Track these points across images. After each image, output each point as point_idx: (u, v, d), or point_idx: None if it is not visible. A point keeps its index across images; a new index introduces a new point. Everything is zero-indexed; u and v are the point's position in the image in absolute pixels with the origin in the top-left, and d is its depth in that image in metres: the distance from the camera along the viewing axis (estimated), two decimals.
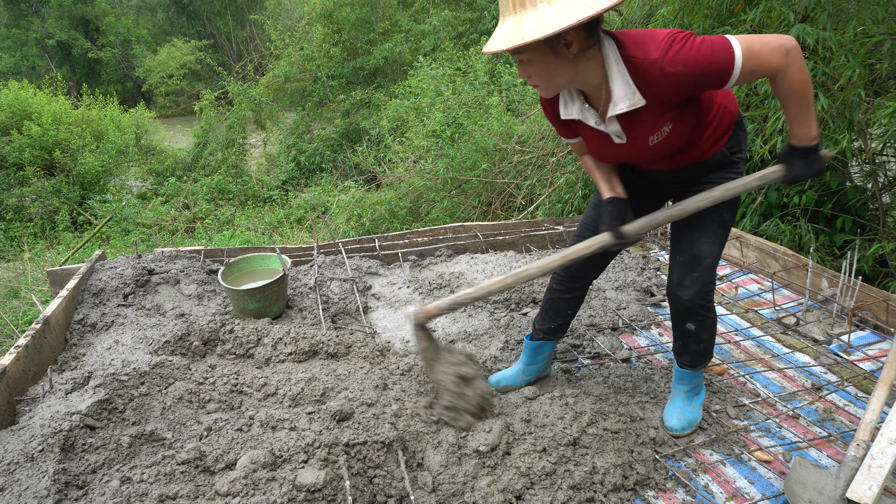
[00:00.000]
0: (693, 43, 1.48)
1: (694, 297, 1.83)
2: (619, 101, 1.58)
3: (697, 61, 1.48)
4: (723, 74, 1.50)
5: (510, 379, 2.24)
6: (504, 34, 1.48)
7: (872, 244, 3.43)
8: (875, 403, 1.80)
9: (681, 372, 2.04)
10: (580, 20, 1.39)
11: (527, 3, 1.45)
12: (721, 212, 1.82)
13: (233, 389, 2.19)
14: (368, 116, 10.79)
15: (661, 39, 1.50)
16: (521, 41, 1.42)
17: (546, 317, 2.20)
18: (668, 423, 2.01)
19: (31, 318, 5.13)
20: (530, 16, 1.43)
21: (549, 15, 1.41)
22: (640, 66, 1.53)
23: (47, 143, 10.01)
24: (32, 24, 22.76)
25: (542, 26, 1.41)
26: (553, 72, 1.56)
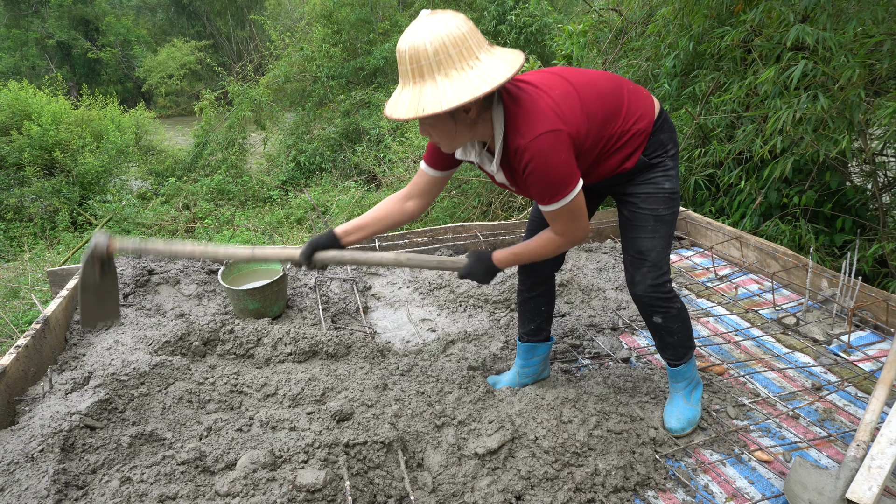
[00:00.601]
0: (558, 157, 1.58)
1: (647, 290, 1.88)
2: (495, 159, 1.71)
3: (546, 170, 1.59)
4: (546, 195, 1.64)
5: (508, 381, 2.25)
6: (404, 103, 1.52)
7: (872, 244, 3.43)
8: (875, 404, 1.80)
9: (672, 370, 2.06)
10: (477, 97, 1.45)
11: (425, 75, 1.49)
12: (654, 207, 1.86)
13: (233, 390, 2.19)
14: (368, 116, 10.80)
15: (538, 128, 1.57)
16: (422, 113, 1.47)
17: (523, 319, 2.24)
18: (669, 425, 2.02)
19: (31, 318, 5.12)
20: (429, 88, 1.48)
21: (447, 89, 1.47)
22: (511, 139, 1.63)
23: (47, 144, 10.01)
24: (32, 25, 22.76)
25: (442, 101, 1.47)
26: (453, 134, 1.64)
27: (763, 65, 3.61)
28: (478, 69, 1.50)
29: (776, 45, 3.48)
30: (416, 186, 1.96)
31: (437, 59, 1.47)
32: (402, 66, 1.52)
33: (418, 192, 1.96)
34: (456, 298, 3.10)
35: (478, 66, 1.50)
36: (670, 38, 4.35)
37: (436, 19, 1.49)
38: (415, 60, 1.48)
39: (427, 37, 1.47)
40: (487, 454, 1.82)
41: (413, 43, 1.48)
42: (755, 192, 3.95)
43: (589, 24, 5.36)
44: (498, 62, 1.52)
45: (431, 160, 1.91)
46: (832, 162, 3.66)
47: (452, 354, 2.53)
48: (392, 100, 1.59)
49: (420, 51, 1.47)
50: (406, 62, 1.50)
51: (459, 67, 1.49)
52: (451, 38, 1.47)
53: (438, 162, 1.90)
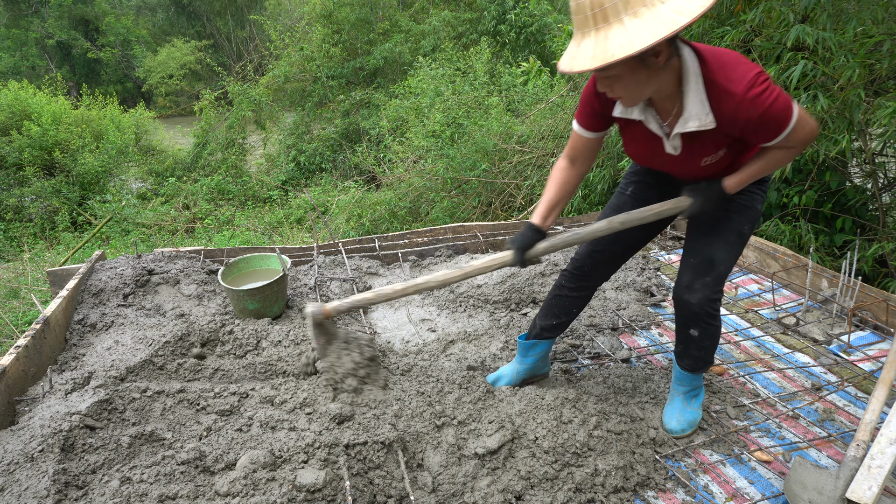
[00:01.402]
0: (772, 92, 1.48)
1: (701, 301, 1.81)
2: (689, 119, 1.57)
3: (769, 112, 1.48)
4: (778, 131, 1.53)
5: (507, 378, 2.24)
6: (586, 51, 1.40)
7: (872, 244, 3.43)
8: (875, 404, 1.80)
9: (681, 373, 2.03)
10: (674, 31, 1.33)
11: (610, 17, 1.37)
12: (742, 222, 1.81)
13: (233, 391, 2.19)
14: (368, 116, 10.79)
15: (746, 74, 1.47)
16: (612, 58, 1.35)
17: (549, 313, 2.17)
18: (668, 426, 2.01)
19: (30, 318, 5.12)
20: (616, 31, 1.37)
21: (638, 29, 1.35)
22: (718, 92, 1.50)
23: (47, 144, 10.01)
24: (32, 25, 22.75)
25: (633, 41, 1.34)
26: (641, 83, 1.51)
27: (763, 65, 3.61)
28: (668, 3, 1.37)
29: (776, 45, 3.48)
30: (575, 150, 1.87)
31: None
32: (580, 15, 1.40)
33: (579, 156, 1.87)
34: (456, 298, 3.10)
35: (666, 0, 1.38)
36: None
37: None
38: (598, 4, 1.36)
39: None
40: (487, 454, 1.82)
41: None
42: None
43: None
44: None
45: (587, 121, 1.79)
46: (832, 162, 3.65)
47: (452, 354, 2.53)
48: (568, 55, 1.47)
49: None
50: (586, 7, 1.38)
51: (649, 3, 1.36)
52: None
53: (594, 122, 1.79)
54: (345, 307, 2.07)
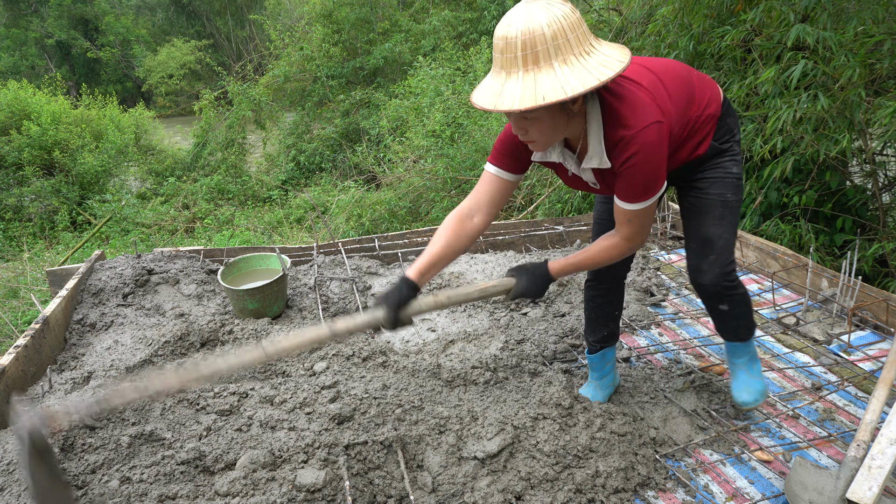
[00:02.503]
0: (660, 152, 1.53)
1: (715, 279, 1.83)
2: (592, 157, 1.62)
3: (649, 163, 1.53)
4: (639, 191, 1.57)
5: (592, 398, 2.15)
6: (513, 91, 1.41)
7: (872, 244, 3.43)
8: (875, 404, 1.80)
9: (731, 345, 2.04)
10: (602, 82, 1.37)
11: (541, 61, 1.39)
12: (722, 192, 1.81)
13: (232, 391, 2.19)
14: (368, 116, 10.79)
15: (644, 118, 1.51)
16: (541, 101, 1.37)
17: (595, 325, 2.13)
18: (741, 399, 2.01)
19: (30, 318, 5.12)
20: (546, 75, 1.39)
21: (568, 76, 1.38)
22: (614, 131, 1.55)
23: (46, 143, 10.01)
24: (32, 24, 22.75)
25: (564, 87, 1.37)
26: (556, 128, 1.54)
27: (763, 64, 3.61)
28: (595, 55, 1.43)
29: (776, 45, 3.47)
30: (482, 197, 1.77)
31: (555, 43, 1.38)
32: (510, 54, 1.41)
33: (486, 203, 1.77)
34: None
35: (594, 51, 1.43)
36: (670, 37, 4.35)
37: (547, 4, 1.40)
38: (529, 46, 1.38)
39: (543, 20, 1.37)
40: (487, 458, 1.82)
41: (527, 27, 1.38)
42: (755, 191, 3.95)
43: (589, 24, 5.36)
44: (608, 48, 1.45)
45: (505, 162, 1.75)
46: (832, 162, 3.65)
47: (452, 354, 2.53)
48: (487, 90, 1.48)
49: (536, 35, 1.37)
50: (517, 48, 1.39)
51: (578, 53, 1.41)
52: (567, 21, 1.39)
53: (516, 164, 1.75)
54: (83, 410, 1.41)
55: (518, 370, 2.33)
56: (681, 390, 2.24)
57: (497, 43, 1.44)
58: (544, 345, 2.59)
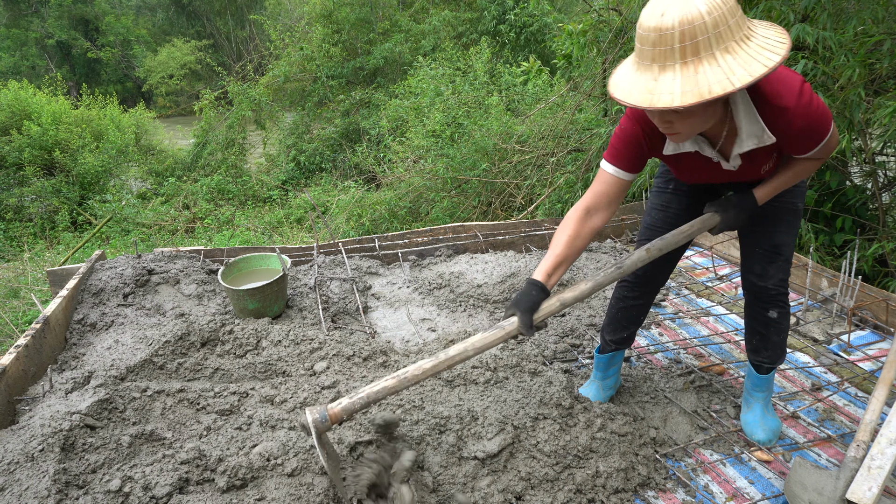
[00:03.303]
0: (817, 101, 1.47)
1: (778, 284, 1.85)
2: (746, 139, 1.54)
3: (816, 121, 1.47)
4: (818, 140, 1.51)
5: (593, 398, 2.17)
6: (670, 86, 1.32)
7: (872, 244, 3.43)
8: (875, 404, 1.80)
9: (759, 378, 2.02)
10: (769, 69, 1.28)
11: (702, 52, 1.29)
12: (794, 199, 1.79)
13: (233, 391, 2.19)
14: (368, 116, 10.80)
15: (792, 86, 1.45)
16: (710, 95, 1.28)
17: (618, 326, 2.11)
18: (757, 437, 1.99)
19: (30, 317, 5.12)
20: (708, 67, 1.29)
21: (732, 65, 1.29)
22: (769, 108, 1.47)
23: (47, 143, 10.00)
24: (32, 24, 22.74)
25: (731, 78, 1.28)
26: (707, 120, 1.46)
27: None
28: (756, 39, 1.33)
29: None
30: (600, 197, 1.71)
31: (716, 31, 1.28)
32: (664, 46, 1.31)
33: (605, 203, 1.72)
34: (456, 298, 3.10)
35: (753, 34, 1.34)
36: None
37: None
38: (689, 36, 1.27)
39: (703, 7, 1.27)
40: (487, 458, 1.82)
41: (685, 16, 1.27)
42: None
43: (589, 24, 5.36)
44: (763, 29, 1.36)
45: (629, 163, 1.67)
46: (832, 161, 3.65)
47: None
48: (635, 85, 1.38)
49: (697, 24, 1.27)
50: (674, 40, 1.29)
51: (739, 38, 1.31)
52: (727, 6, 1.29)
53: (636, 164, 1.68)
54: (359, 405, 1.58)
55: (518, 370, 2.34)
56: (681, 390, 2.24)
57: (647, 35, 1.33)
58: (544, 345, 2.59)
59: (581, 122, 5.72)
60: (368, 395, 1.58)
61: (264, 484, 1.69)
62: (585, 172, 5.17)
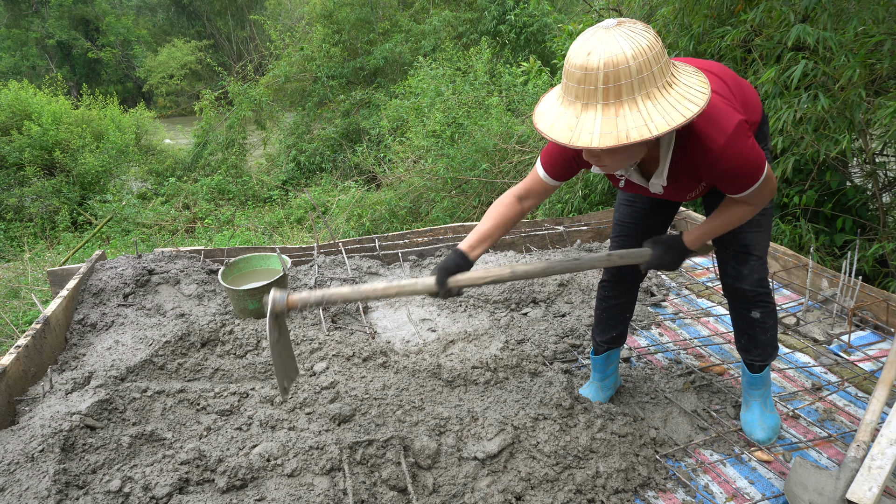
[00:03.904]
0: (750, 146, 1.48)
1: (754, 285, 1.85)
2: (661, 173, 1.59)
3: (745, 166, 1.48)
4: (748, 185, 1.53)
5: (592, 398, 2.17)
6: (590, 126, 1.34)
7: (872, 244, 3.43)
8: (875, 404, 1.80)
9: (753, 377, 2.02)
10: (688, 118, 1.31)
11: (623, 96, 1.31)
12: None
13: (233, 391, 2.19)
14: (368, 116, 10.80)
15: (727, 127, 1.46)
16: (626, 140, 1.30)
17: (605, 326, 2.12)
18: (755, 436, 1.99)
19: (31, 318, 5.12)
20: (629, 111, 1.31)
21: (652, 112, 1.31)
22: (698, 146, 1.49)
23: (47, 143, 10.01)
24: (32, 24, 22.75)
25: (649, 125, 1.30)
26: (632, 157, 1.50)
27: (763, 65, 3.61)
28: (677, 87, 1.35)
29: (777, 45, 3.47)
30: (531, 189, 1.81)
31: (639, 77, 1.30)
32: (589, 85, 1.33)
33: (534, 194, 1.82)
34: (456, 298, 3.11)
35: (675, 82, 1.36)
36: (671, 37, 4.35)
37: (630, 31, 1.31)
38: (613, 79, 1.29)
39: (629, 51, 1.28)
40: (487, 458, 1.82)
41: (611, 58, 1.28)
42: None
43: (589, 24, 5.36)
44: (687, 77, 1.39)
45: (553, 170, 1.75)
46: (832, 162, 3.65)
47: (453, 354, 2.53)
48: (558, 119, 1.41)
49: (621, 68, 1.28)
50: (597, 80, 1.31)
51: (661, 85, 1.33)
52: (653, 52, 1.30)
53: (564, 173, 1.75)
54: (313, 300, 1.82)
55: (518, 370, 2.34)
56: (681, 390, 2.24)
57: (573, 72, 1.35)
58: (544, 345, 2.59)
59: None
60: (324, 295, 1.80)
61: (264, 484, 1.69)
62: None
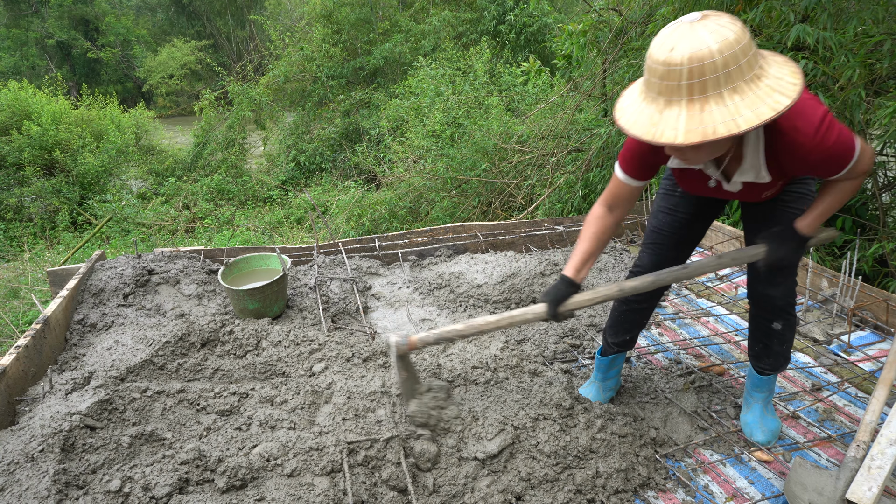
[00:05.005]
0: (838, 132, 1.44)
1: (784, 294, 1.82)
2: (747, 170, 1.55)
3: (835, 152, 1.45)
4: (842, 166, 1.49)
5: (593, 398, 2.17)
6: (675, 123, 1.30)
7: (872, 244, 3.43)
8: (875, 404, 1.80)
9: (760, 379, 2.00)
10: (779, 112, 1.26)
11: (709, 89, 1.27)
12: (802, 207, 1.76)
13: (233, 391, 2.19)
14: (368, 116, 10.81)
15: (812, 119, 1.42)
16: (713, 136, 1.26)
17: (621, 329, 2.10)
18: (755, 438, 1.98)
19: (31, 318, 5.12)
20: (715, 106, 1.27)
21: (740, 106, 1.27)
22: (785, 141, 1.46)
23: (47, 143, 10.01)
24: (32, 24, 22.74)
25: (736, 119, 1.26)
26: (716, 151, 1.45)
27: None
28: (767, 79, 1.30)
29: (776, 45, 3.47)
30: (616, 196, 1.78)
31: (726, 71, 1.26)
32: (671, 81, 1.29)
33: (621, 200, 1.78)
34: (456, 298, 3.10)
35: (764, 74, 1.31)
36: None
37: (716, 24, 1.27)
38: (697, 74, 1.26)
39: (714, 45, 1.24)
40: (488, 458, 1.82)
41: (695, 52, 1.25)
42: None
43: (589, 24, 5.36)
44: (777, 68, 1.33)
45: (637, 172, 1.71)
46: None
47: (453, 354, 2.53)
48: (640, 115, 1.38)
49: (706, 63, 1.25)
50: (681, 76, 1.27)
51: (749, 79, 1.28)
52: (740, 46, 1.26)
53: (644, 172, 1.71)
54: (431, 339, 1.93)
55: (518, 370, 2.34)
56: (681, 390, 2.24)
57: (655, 68, 1.32)
58: (544, 345, 2.59)
59: (581, 123, 5.73)
60: (441, 333, 1.94)
61: (264, 484, 1.69)
62: (585, 172, 5.17)
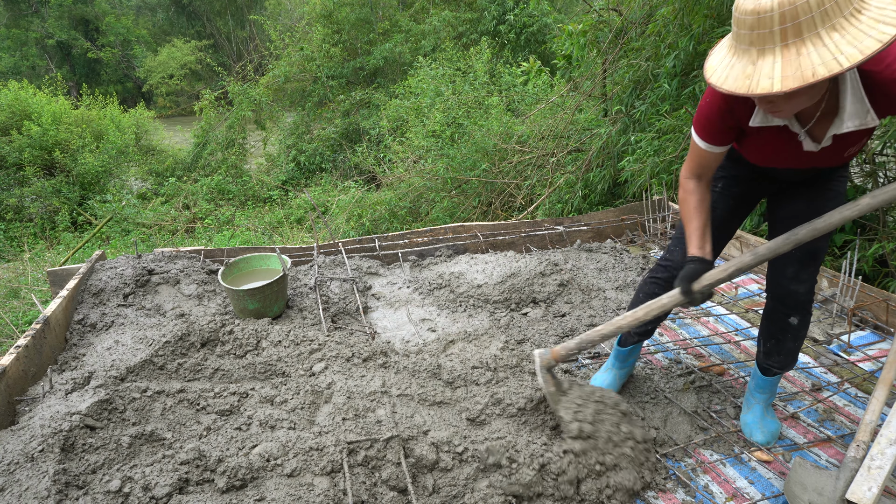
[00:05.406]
0: None
1: (808, 290, 1.82)
2: (848, 119, 1.45)
3: None
4: None
5: (607, 386, 2.18)
6: (769, 71, 1.24)
7: (872, 244, 3.43)
8: (875, 404, 1.80)
9: (764, 380, 2.00)
10: (885, 43, 1.18)
11: (804, 31, 1.21)
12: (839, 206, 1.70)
13: (233, 391, 2.19)
14: (368, 116, 10.81)
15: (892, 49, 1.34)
16: (813, 79, 1.20)
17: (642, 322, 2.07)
18: (755, 438, 1.99)
19: (31, 318, 5.12)
20: (812, 48, 1.21)
21: (840, 43, 1.20)
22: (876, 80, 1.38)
23: (47, 143, 10.01)
24: (32, 24, 22.75)
25: (838, 57, 1.19)
26: (813, 98, 1.37)
27: None
28: (869, 11, 1.22)
29: None
30: (700, 164, 1.71)
31: (821, 9, 1.19)
32: (763, 29, 1.24)
33: (705, 168, 1.72)
34: (456, 298, 3.10)
35: (865, 8, 1.23)
36: (670, 38, 4.35)
37: None
38: (790, 17, 1.20)
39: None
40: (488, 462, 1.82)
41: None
42: None
43: (589, 24, 5.36)
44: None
45: (717, 137, 1.64)
46: None
47: (453, 354, 2.53)
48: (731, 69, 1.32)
49: (799, 4, 1.19)
50: (773, 22, 1.22)
51: (849, 13, 1.21)
52: None
53: (725, 137, 1.64)
54: (573, 346, 1.88)
55: (518, 370, 2.34)
56: (681, 390, 2.24)
57: (744, 19, 1.26)
58: (544, 345, 2.59)
59: (581, 123, 5.73)
60: (582, 339, 1.90)
61: (264, 484, 1.69)
62: (585, 172, 5.17)
